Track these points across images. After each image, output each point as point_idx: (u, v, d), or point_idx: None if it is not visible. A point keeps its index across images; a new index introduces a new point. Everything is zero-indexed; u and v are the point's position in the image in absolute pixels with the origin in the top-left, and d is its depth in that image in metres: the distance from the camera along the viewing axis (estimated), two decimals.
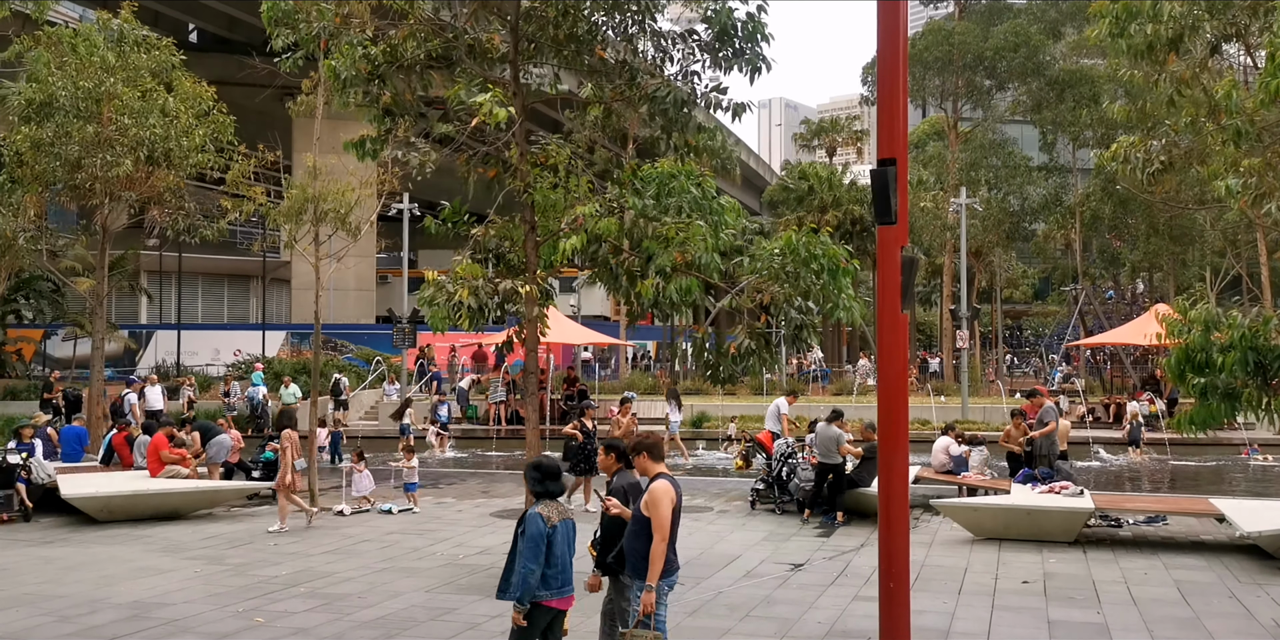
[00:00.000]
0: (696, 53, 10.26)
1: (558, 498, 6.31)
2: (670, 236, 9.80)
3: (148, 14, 32.75)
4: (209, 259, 46.22)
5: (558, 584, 6.08)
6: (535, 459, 6.50)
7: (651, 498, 6.43)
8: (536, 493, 6.22)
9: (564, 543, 6.14)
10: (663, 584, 6.41)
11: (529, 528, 5.97)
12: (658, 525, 6.34)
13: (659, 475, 6.57)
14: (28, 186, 19.46)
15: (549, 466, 6.30)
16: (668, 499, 6.41)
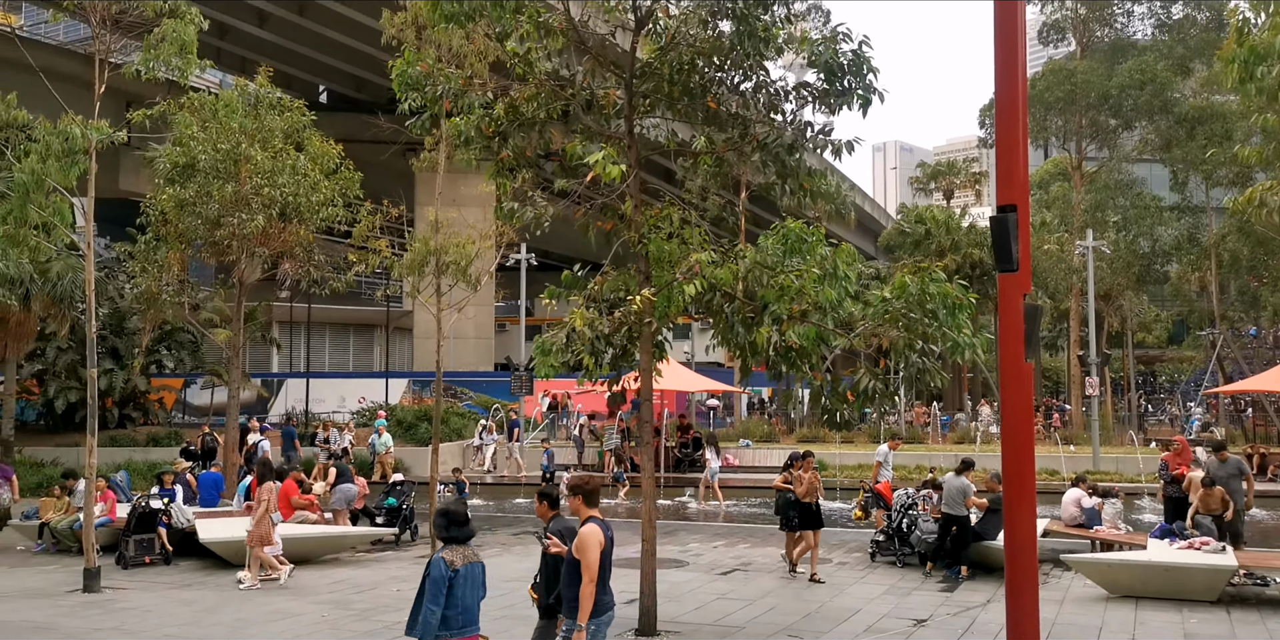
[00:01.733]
0: (808, 100, 10.30)
1: (464, 543, 6.62)
2: (788, 286, 9.78)
3: (281, 77, 34.50)
4: (336, 309, 47.83)
5: (459, 625, 6.39)
6: (443, 506, 6.82)
7: (580, 541, 6.79)
8: (443, 538, 6.56)
9: (467, 585, 6.45)
10: (596, 623, 6.74)
11: (432, 571, 6.32)
12: (586, 567, 6.66)
13: (589, 519, 6.91)
14: (171, 244, 20.52)
15: (455, 514, 6.65)
16: (595, 542, 6.74)
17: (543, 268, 39.70)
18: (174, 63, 13.57)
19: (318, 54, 42.48)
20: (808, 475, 14.57)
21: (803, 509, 14.46)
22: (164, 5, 13.51)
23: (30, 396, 33.65)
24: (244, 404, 31.71)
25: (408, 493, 18.71)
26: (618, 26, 10.81)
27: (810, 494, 14.50)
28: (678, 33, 10.45)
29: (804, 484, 14.47)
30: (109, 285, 30.64)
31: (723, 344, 11.30)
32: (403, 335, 52.47)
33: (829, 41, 10.05)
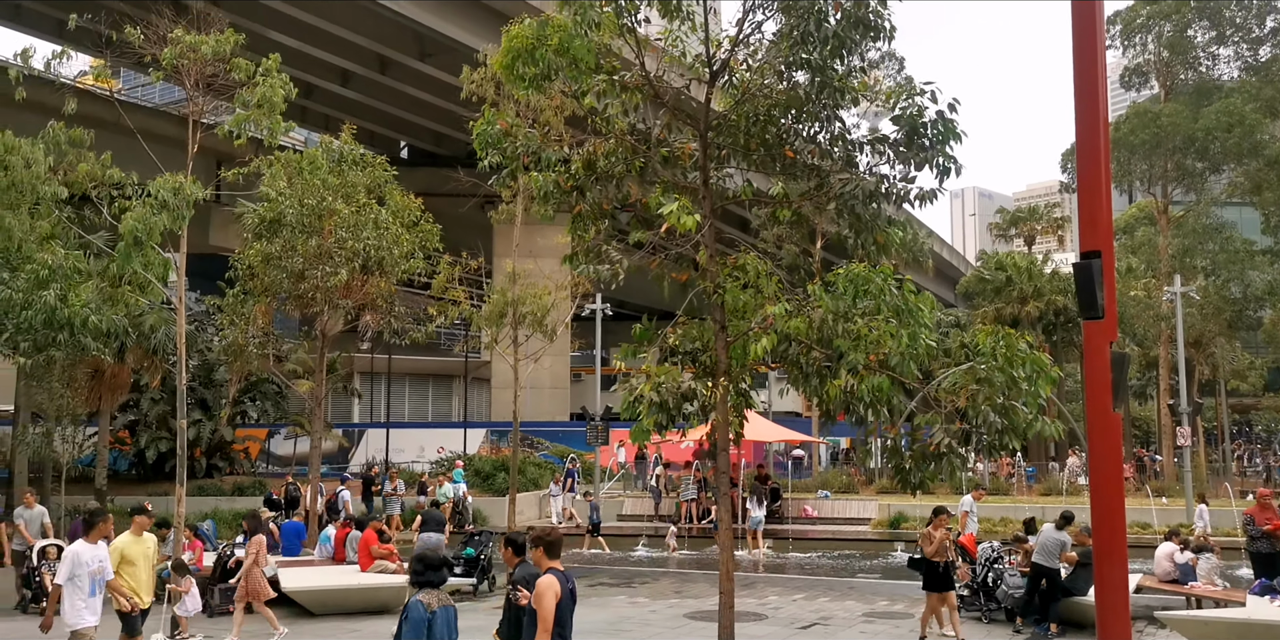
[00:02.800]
0: (885, 155, 10.26)
1: (438, 587, 6.92)
2: (863, 335, 9.67)
3: (364, 134, 35.53)
4: (415, 360, 48.51)
5: None
6: (418, 552, 7.21)
7: (537, 591, 6.93)
8: (418, 583, 6.87)
9: (444, 627, 6.74)
10: None
11: (410, 614, 6.59)
12: (540, 618, 6.84)
13: (549, 570, 7.06)
14: (258, 297, 21.08)
15: (431, 559, 6.98)
16: (551, 592, 6.90)
17: (618, 317, 39.90)
18: (263, 123, 14.06)
19: (398, 111, 43.67)
20: (939, 533, 13.68)
21: (929, 568, 13.66)
22: (254, 69, 14.03)
23: (123, 447, 34.60)
24: (326, 454, 32.26)
25: (486, 543, 18.74)
26: (693, 80, 10.94)
27: (940, 554, 13.62)
28: (752, 84, 10.54)
29: (934, 542, 13.62)
30: (198, 338, 31.51)
31: (798, 392, 11.20)
32: (480, 385, 52.99)
33: (909, 92, 10.00)
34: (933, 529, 13.83)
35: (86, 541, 9.73)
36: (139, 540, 10.63)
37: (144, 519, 10.80)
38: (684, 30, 10.61)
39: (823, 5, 9.84)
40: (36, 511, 17.26)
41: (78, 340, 20.97)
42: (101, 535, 9.93)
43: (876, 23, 10.00)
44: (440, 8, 33.82)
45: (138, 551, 10.54)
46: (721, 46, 10.58)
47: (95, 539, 9.81)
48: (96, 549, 9.74)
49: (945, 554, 13.73)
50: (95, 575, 9.60)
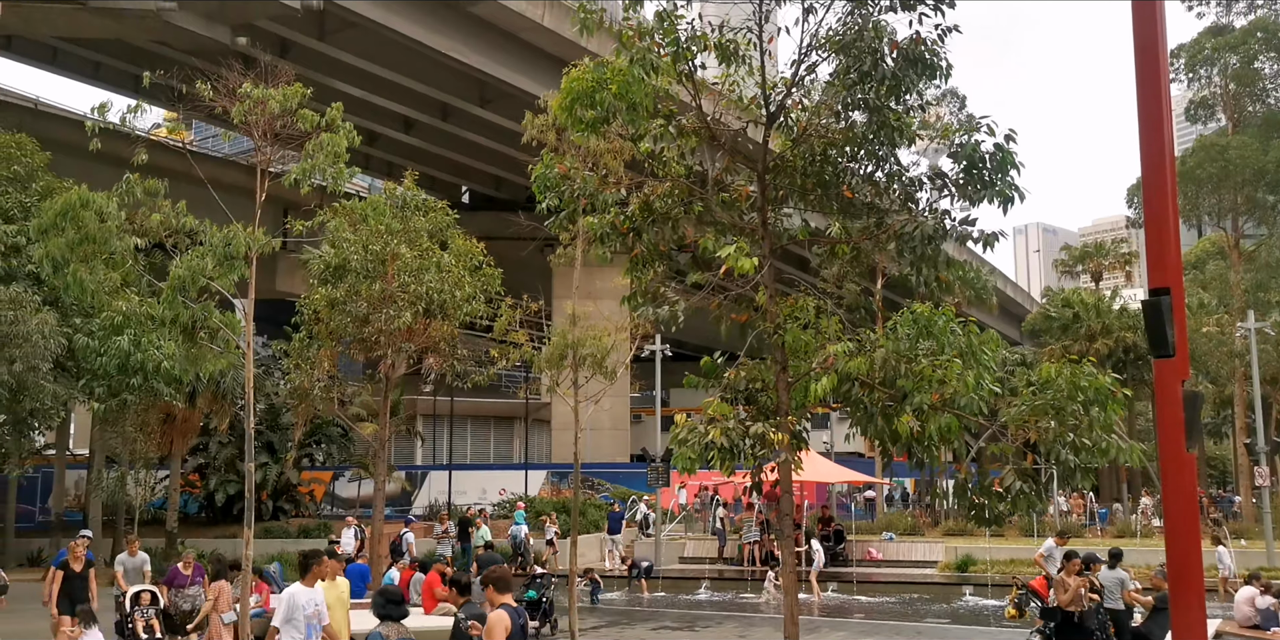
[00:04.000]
0: (945, 188, 10.19)
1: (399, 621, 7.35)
2: (928, 375, 9.54)
3: (425, 179, 36.13)
4: (476, 402, 48.84)
5: None
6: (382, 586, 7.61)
7: (487, 627, 7.19)
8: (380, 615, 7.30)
9: None
10: None
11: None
12: None
13: (501, 605, 7.32)
14: (323, 341, 21.43)
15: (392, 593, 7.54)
16: (501, 627, 7.15)
17: (678, 358, 39.88)
18: (328, 172, 14.37)
19: (459, 156, 44.44)
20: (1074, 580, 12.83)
21: (1064, 619, 12.96)
22: (319, 119, 14.38)
23: (193, 490, 35.20)
24: (389, 496, 32.51)
25: (548, 585, 18.67)
26: (750, 122, 10.99)
27: (1076, 602, 12.87)
28: (810, 125, 10.56)
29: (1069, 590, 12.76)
30: (265, 382, 32.08)
31: (861, 433, 11.07)
32: (541, 427, 53.16)
33: (969, 129, 9.95)
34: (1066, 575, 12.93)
35: (303, 584, 9.52)
36: (333, 585, 10.33)
37: (336, 563, 10.64)
38: (741, 74, 10.68)
39: (878, 45, 9.86)
40: (139, 559, 17.32)
41: (151, 385, 21.51)
42: (318, 577, 9.72)
43: (933, 61, 9.99)
44: (501, 55, 34.49)
45: (333, 596, 10.20)
46: (777, 88, 10.63)
47: (312, 582, 9.59)
48: (313, 592, 9.49)
49: (1081, 603, 12.93)
50: (312, 619, 9.32)
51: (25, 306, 19.80)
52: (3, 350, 19.10)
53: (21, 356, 19.34)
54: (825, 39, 10.27)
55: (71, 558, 15.68)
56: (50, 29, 29.35)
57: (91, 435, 29.72)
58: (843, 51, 10.15)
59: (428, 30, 32.06)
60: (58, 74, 39.41)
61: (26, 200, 22.81)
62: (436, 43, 32.48)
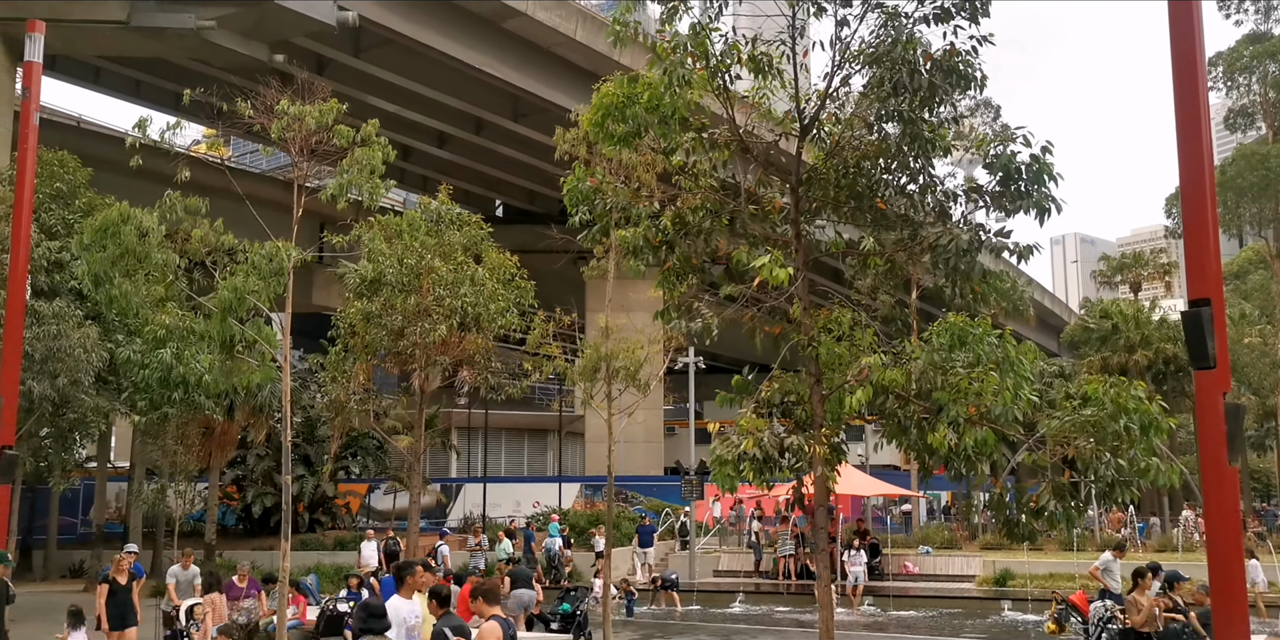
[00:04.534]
0: (979, 204, 10.13)
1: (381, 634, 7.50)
2: (963, 387, 9.47)
3: (460, 193, 36.40)
4: (510, 415, 48.98)
5: None
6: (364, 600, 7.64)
7: (479, 637, 7.32)
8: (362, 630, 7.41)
9: None
10: None
11: None
12: None
13: (492, 617, 7.39)
14: (359, 355, 21.59)
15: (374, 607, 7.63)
16: (494, 637, 7.26)
17: (711, 370, 39.82)
18: (364, 187, 14.53)
19: (493, 170, 44.72)
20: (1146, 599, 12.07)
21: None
22: (355, 135, 14.55)
23: (231, 502, 35.52)
24: (424, 509, 32.62)
25: (582, 598, 18.67)
26: (783, 134, 10.99)
27: (1149, 623, 12.15)
28: (842, 137, 10.55)
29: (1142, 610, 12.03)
30: (302, 395, 32.35)
31: (896, 446, 11.00)
32: (575, 439, 53.21)
33: (1003, 139, 9.90)
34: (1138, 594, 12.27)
35: (401, 596, 9.42)
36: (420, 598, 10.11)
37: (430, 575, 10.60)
38: (773, 86, 10.69)
39: (912, 57, 9.84)
40: (191, 572, 17.39)
41: (192, 398, 21.77)
42: (414, 589, 9.58)
43: (968, 72, 9.95)
44: (534, 70, 34.71)
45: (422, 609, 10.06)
46: (810, 101, 10.63)
47: (409, 593, 9.48)
48: (413, 603, 9.40)
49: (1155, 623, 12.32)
50: (414, 630, 9.22)
51: (68, 321, 20.12)
52: (46, 364, 19.40)
53: (64, 371, 19.65)
54: (859, 51, 10.26)
55: (116, 571, 15.80)
56: (93, 49, 29.89)
57: (132, 448, 30.10)
58: (876, 63, 10.13)
59: (462, 46, 32.34)
60: (100, 92, 40.13)
61: (69, 216, 23.21)
62: (471, 58, 32.75)
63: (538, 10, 32.38)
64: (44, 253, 21.31)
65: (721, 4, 10.38)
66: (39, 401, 19.40)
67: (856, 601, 24.93)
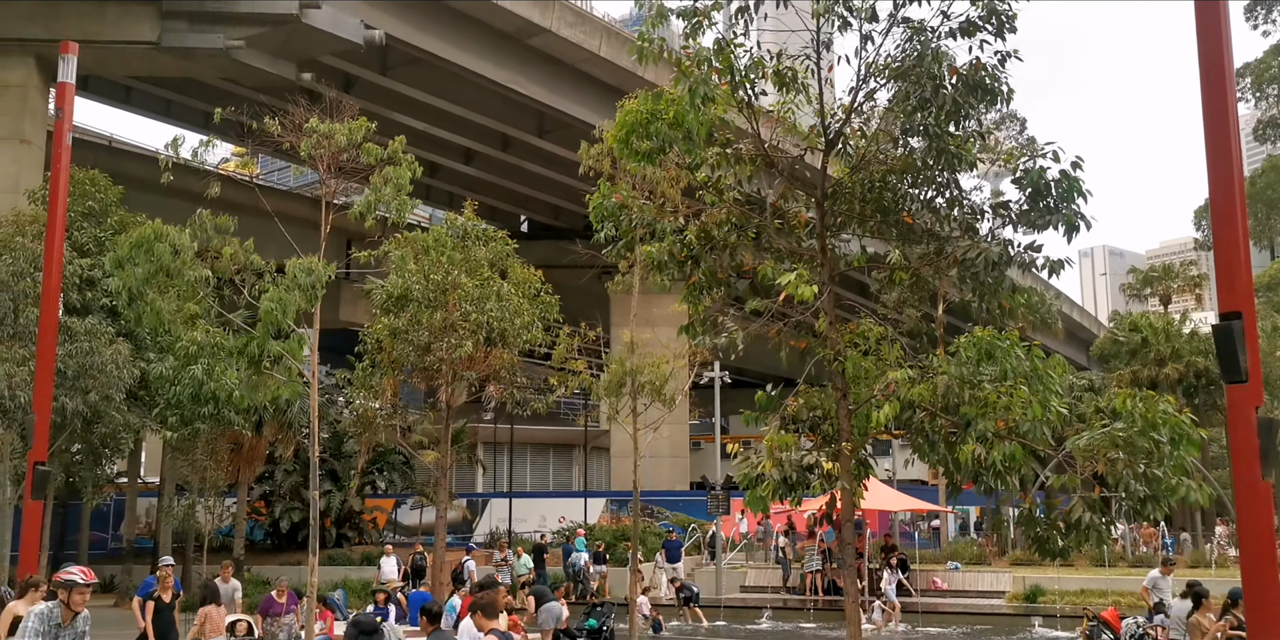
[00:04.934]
0: (1007, 219, 10.11)
1: None
2: (991, 401, 9.41)
3: (485, 209, 36.65)
4: (536, 430, 49.03)
5: None
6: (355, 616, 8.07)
7: None
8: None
9: None
10: None
11: None
12: None
13: (491, 631, 7.41)
14: (385, 370, 21.71)
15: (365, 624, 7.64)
16: None
17: (737, 385, 39.69)
18: (391, 204, 14.67)
19: (518, 186, 44.94)
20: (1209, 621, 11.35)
21: None
22: (382, 153, 14.69)
23: (259, 517, 35.69)
24: (450, 524, 32.72)
25: (608, 614, 18.63)
26: (808, 148, 11.00)
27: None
28: (868, 151, 10.55)
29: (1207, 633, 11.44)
30: (329, 410, 32.52)
31: (923, 461, 10.94)
32: (600, 454, 53.19)
33: (1030, 152, 9.87)
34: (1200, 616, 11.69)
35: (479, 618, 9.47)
36: None
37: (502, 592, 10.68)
38: (798, 101, 10.71)
39: (938, 71, 9.84)
40: (231, 586, 17.13)
41: (222, 414, 21.95)
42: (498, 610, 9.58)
43: (994, 87, 9.94)
44: (559, 86, 34.91)
45: None
46: (836, 115, 10.64)
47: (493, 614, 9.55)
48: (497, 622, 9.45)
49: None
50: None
51: (100, 338, 20.35)
52: (78, 381, 19.62)
53: (96, 387, 19.86)
54: (884, 65, 10.27)
55: (161, 588, 15.40)
56: (125, 69, 30.31)
57: (162, 463, 30.32)
58: (902, 78, 10.15)
59: (488, 63, 32.58)
60: (132, 112, 40.64)
61: (101, 234, 23.49)
62: (497, 75, 32.98)
63: (563, 27, 32.59)
64: (76, 270, 21.57)
65: (747, 19, 10.42)
66: (71, 417, 19.60)
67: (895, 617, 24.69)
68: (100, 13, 26.45)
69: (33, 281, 19.18)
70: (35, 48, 25.87)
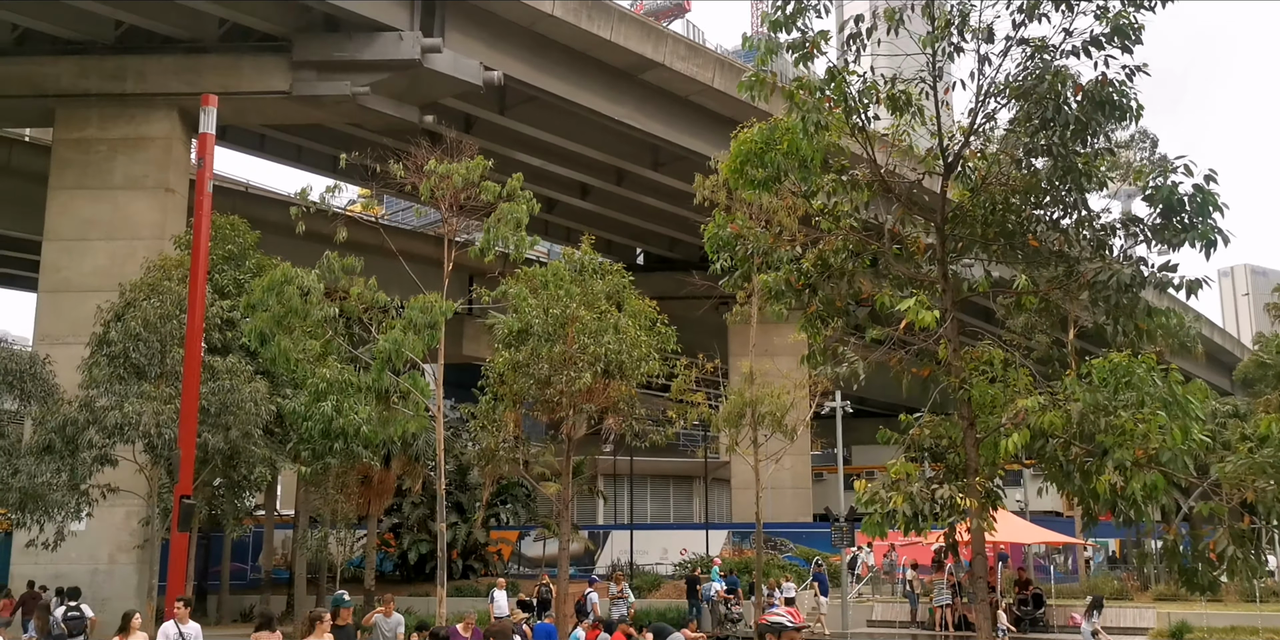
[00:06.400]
0: (1140, 237, 9.74)
1: None
2: (1129, 429, 9.03)
3: (601, 243, 37.02)
4: (655, 462, 49.00)
5: None
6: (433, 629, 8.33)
7: None
8: None
9: None
10: None
11: None
12: None
13: None
14: (507, 403, 22.03)
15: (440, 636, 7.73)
16: None
17: (859, 415, 39.07)
18: (510, 241, 14.98)
19: (634, 219, 45.34)
20: None
21: None
22: (501, 190, 15.04)
23: (388, 549, 36.51)
24: (573, 556, 32.86)
25: None
26: (926, 173, 10.84)
27: None
28: (989, 173, 10.33)
29: None
30: (454, 444, 33.15)
31: (1058, 491, 10.55)
32: (721, 486, 52.84)
33: (1163, 169, 9.52)
34: None
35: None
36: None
37: None
38: (913, 124, 10.58)
39: (1061, 89, 9.59)
40: (394, 621, 16.33)
41: (351, 448, 22.58)
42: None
43: (1121, 102, 9.64)
44: (672, 119, 35.21)
45: None
46: (954, 138, 10.46)
47: None
48: None
49: None
50: None
51: (239, 376, 21.19)
52: (220, 418, 20.44)
53: (236, 423, 20.66)
54: (1004, 85, 10.07)
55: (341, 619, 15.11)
56: (260, 118, 31.78)
57: (296, 497, 31.33)
58: (1023, 97, 9.92)
59: (603, 99, 33.09)
60: (265, 159, 42.55)
61: (240, 276, 24.55)
62: (611, 111, 33.46)
63: (675, 61, 32.92)
64: (218, 311, 22.54)
65: (859, 46, 10.36)
66: (213, 453, 20.40)
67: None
68: (237, 66, 27.85)
69: (178, 323, 20.08)
70: (178, 101, 27.35)
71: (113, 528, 24.04)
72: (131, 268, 23.54)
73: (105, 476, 20.53)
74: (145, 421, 19.16)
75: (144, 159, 27.48)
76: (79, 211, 27.11)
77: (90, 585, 24.18)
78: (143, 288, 21.50)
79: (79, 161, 27.42)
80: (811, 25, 10.22)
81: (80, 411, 19.79)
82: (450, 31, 28.49)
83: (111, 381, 20.03)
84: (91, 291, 24.35)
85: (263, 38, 28.02)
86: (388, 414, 14.94)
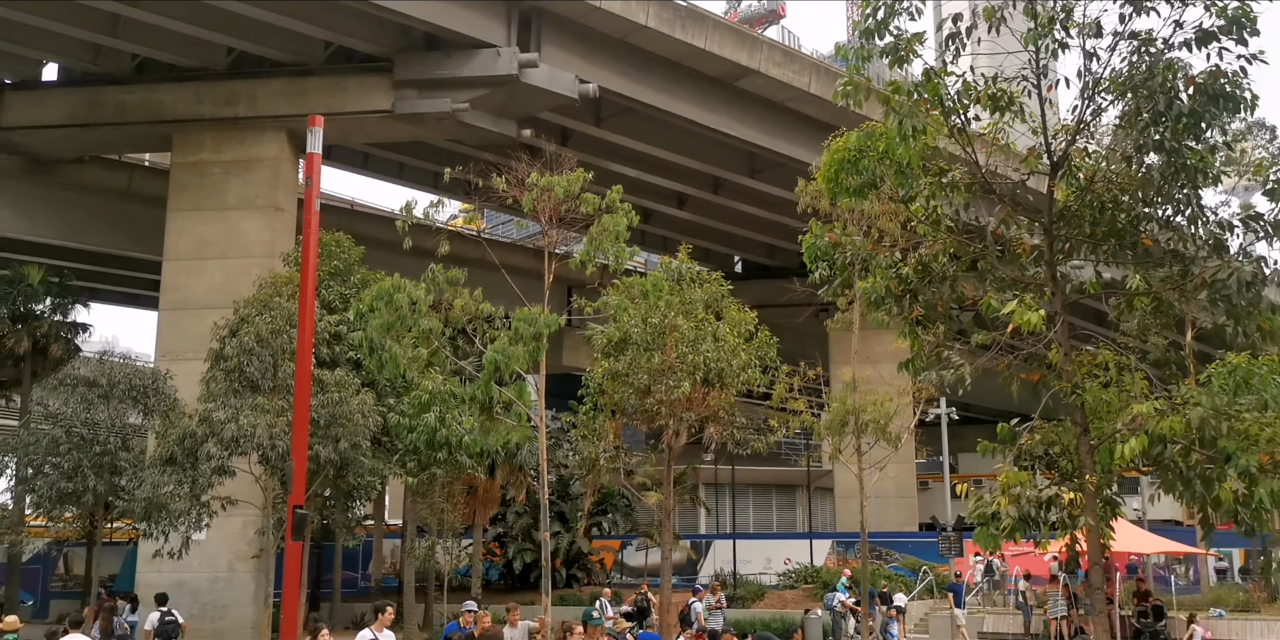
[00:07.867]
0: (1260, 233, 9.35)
1: None
2: (1253, 433, 8.66)
3: (699, 252, 37.04)
4: (757, 470, 48.68)
5: None
6: None
7: None
8: None
9: None
10: None
11: None
12: None
13: None
14: (607, 413, 22.16)
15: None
16: None
17: (965, 422, 38.24)
18: (609, 251, 15.09)
19: (731, 227, 45.23)
20: None
21: None
22: (600, 202, 15.18)
23: (493, 557, 37.00)
24: (675, 565, 32.85)
25: None
26: (1030, 173, 10.59)
27: None
28: (1097, 172, 10.04)
29: None
30: (555, 453, 33.45)
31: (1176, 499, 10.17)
32: (824, 494, 52.24)
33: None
34: None
35: None
36: None
37: None
38: (1013, 122, 10.35)
39: (1171, 83, 9.28)
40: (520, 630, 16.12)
41: (456, 458, 22.96)
42: None
43: (1236, 94, 9.28)
44: (769, 126, 35.07)
45: None
46: (1059, 137, 10.20)
47: None
48: None
49: None
50: None
51: (347, 388, 21.74)
52: (329, 430, 20.98)
53: (345, 435, 21.18)
54: (1110, 80, 9.78)
55: None
56: (363, 137, 32.65)
57: (404, 506, 31.96)
58: (1131, 93, 9.63)
59: (698, 108, 33.13)
60: (369, 176, 43.67)
61: (346, 292, 25.21)
62: (706, 119, 33.47)
63: (770, 67, 32.78)
64: (325, 326, 23.15)
65: (959, 45, 10.18)
66: (324, 464, 20.94)
67: None
68: (341, 87, 28.67)
69: (289, 337, 20.71)
70: (286, 123, 28.27)
71: (231, 537, 24.84)
72: (245, 285, 24.34)
73: (224, 489, 21.23)
74: (260, 434, 19.77)
75: (255, 180, 28.45)
76: (195, 232, 28.17)
77: (210, 592, 25.03)
78: (255, 304, 22.21)
79: (195, 184, 28.52)
80: (906, 28, 10.10)
81: (199, 424, 20.52)
82: (546, 46, 28.86)
83: (227, 395, 20.72)
84: (208, 308, 25.27)
85: (365, 58, 28.79)
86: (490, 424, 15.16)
